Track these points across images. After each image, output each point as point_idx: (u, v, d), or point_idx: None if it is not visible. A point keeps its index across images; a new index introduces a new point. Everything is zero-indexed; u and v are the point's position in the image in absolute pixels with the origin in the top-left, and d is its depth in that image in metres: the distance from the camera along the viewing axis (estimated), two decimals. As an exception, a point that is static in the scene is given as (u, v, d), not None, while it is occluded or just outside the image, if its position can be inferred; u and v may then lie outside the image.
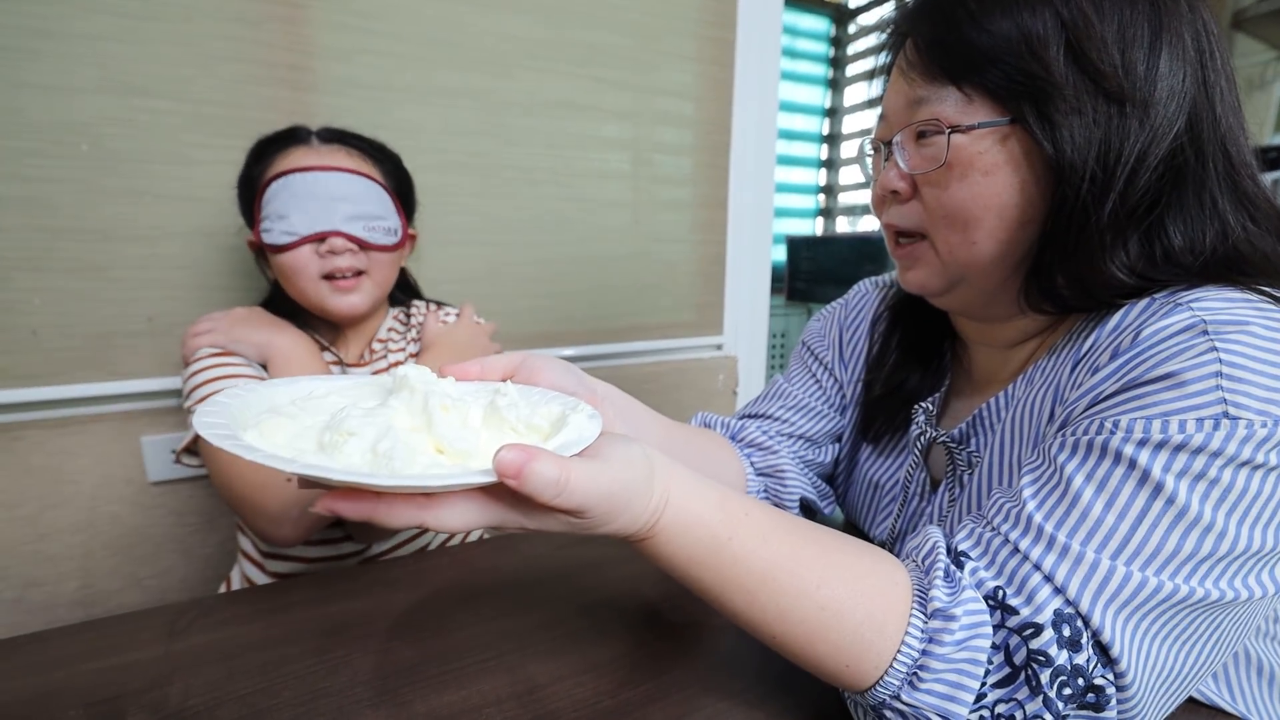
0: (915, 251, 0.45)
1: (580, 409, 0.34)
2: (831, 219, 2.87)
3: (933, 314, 0.53)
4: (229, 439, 0.26)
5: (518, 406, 0.33)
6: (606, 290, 1.22)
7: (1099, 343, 0.37)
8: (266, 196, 0.68)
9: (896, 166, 0.43)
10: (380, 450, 0.27)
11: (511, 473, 0.26)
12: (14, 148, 0.78)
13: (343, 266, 0.69)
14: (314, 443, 0.29)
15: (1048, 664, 0.30)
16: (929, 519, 0.50)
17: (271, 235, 0.68)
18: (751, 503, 0.36)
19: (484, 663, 0.42)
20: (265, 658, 0.43)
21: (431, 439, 0.30)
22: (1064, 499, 0.33)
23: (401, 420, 0.30)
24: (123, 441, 0.88)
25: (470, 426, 0.31)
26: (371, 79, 0.96)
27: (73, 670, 0.42)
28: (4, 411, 0.83)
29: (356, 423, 0.29)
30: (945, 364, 0.54)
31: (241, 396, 0.32)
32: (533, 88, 1.08)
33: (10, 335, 0.81)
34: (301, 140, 0.71)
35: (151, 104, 0.84)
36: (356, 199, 0.69)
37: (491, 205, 1.08)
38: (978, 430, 0.47)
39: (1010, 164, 0.39)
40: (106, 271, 0.85)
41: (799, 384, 0.63)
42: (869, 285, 0.64)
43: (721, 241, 1.33)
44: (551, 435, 0.32)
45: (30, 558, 0.86)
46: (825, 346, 0.63)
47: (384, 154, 0.76)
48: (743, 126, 1.29)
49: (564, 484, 0.28)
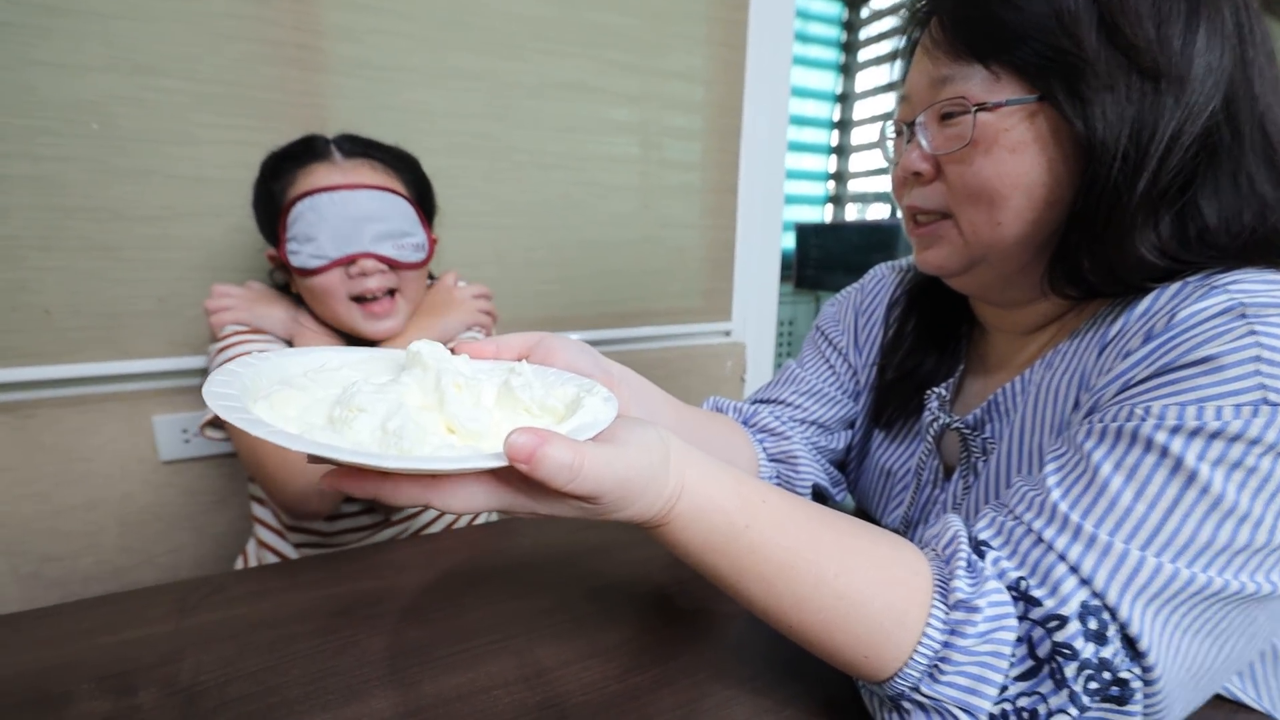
0: (936, 230, 0.44)
1: (596, 391, 0.33)
2: (841, 206, 2.84)
3: (949, 298, 0.52)
4: (237, 411, 0.26)
5: (532, 387, 0.32)
6: (615, 275, 1.21)
7: (1128, 327, 0.36)
8: (291, 217, 0.67)
9: (919, 148, 0.42)
10: (390, 428, 0.27)
11: (523, 456, 0.26)
12: (25, 126, 0.78)
13: (373, 288, 0.69)
14: (324, 417, 0.29)
15: (1073, 657, 0.30)
16: (942, 506, 0.50)
17: (299, 258, 0.67)
18: (769, 489, 0.35)
19: (492, 645, 0.43)
20: (275, 635, 0.43)
21: (443, 418, 0.29)
22: (1091, 487, 0.32)
23: (413, 398, 0.30)
24: (134, 420, 0.89)
25: (483, 406, 0.31)
26: (380, 59, 0.95)
27: (85, 645, 0.42)
28: (17, 390, 0.84)
29: (367, 398, 0.28)
30: (960, 349, 0.53)
31: (255, 366, 0.32)
32: (542, 69, 1.06)
33: (23, 314, 0.82)
34: (322, 155, 0.69)
35: (160, 83, 0.83)
36: (384, 217, 0.68)
37: (499, 189, 1.07)
38: (993, 416, 0.46)
39: (1038, 142, 0.38)
40: (117, 251, 0.85)
41: (812, 369, 0.62)
42: (886, 269, 0.63)
43: (731, 227, 1.32)
44: (566, 417, 0.31)
45: (45, 534, 0.87)
46: (840, 331, 0.62)
47: (405, 162, 0.75)
48: (754, 110, 1.27)
49: (577, 469, 0.27)
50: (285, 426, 0.27)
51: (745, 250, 1.34)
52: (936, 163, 0.42)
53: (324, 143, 0.70)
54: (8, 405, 0.83)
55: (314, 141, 0.70)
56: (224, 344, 0.70)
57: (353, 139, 0.72)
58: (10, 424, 0.83)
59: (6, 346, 0.82)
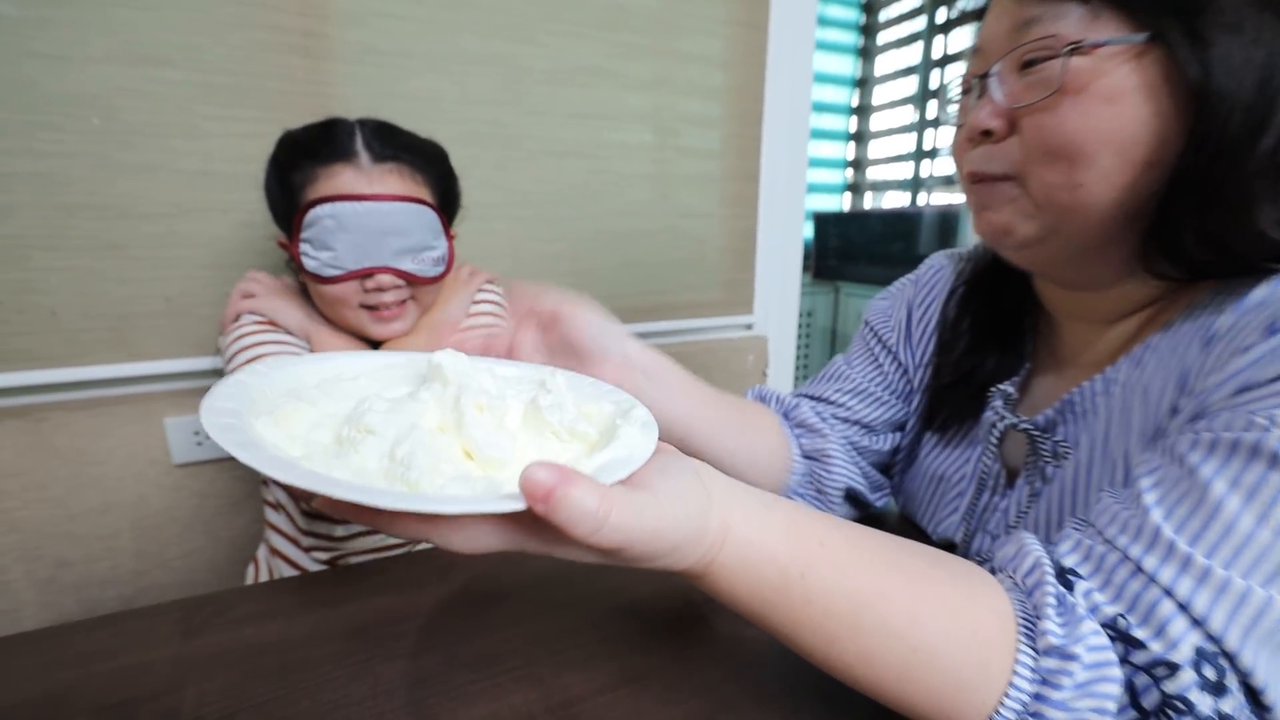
0: (1003, 189, 0.38)
1: (633, 415, 0.29)
2: (860, 195, 2.76)
3: (1013, 287, 0.47)
4: (229, 431, 0.23)
5: (562, 408, 0.29)
6: (633, 267, 1.17)
7: (1243, 318, 0.31)
8: (309, 219, 0.63)
9: (991, 103, 0.37)
10: (398, 455, 0.24)
11: (540, 496, 0.22)
12: (26, 121, 0.76)
13: (388, 301, 0.66)
14: (332, 435, 0.26)
15: (1188, 711, 0.26)
16: (1003, 515, 0.45)
17: (314, 265, 0.64)
18: (825, 526, 0.31)
19: (515, 671, 0.39)
20: (283, 661, 0.40)
21: (461, 441, 0.26)
22: (1200, 509, 0.28)
23: (429, 417, 0.27)
24: (146, 423, 0.87)
25: (506, 429, 0.27)
26: (388, 45, 0.91)
27: (84, 671, 0.40)
28: (28, 393, 0.82)
29: (378, 418, 0.25)
30: (1026, 344, 0.48)
31: (266, 375, 0.29)
32: (556, 53, 1.02)
33: (30, 316, 0.80)
34: (348, 156, 0.64)
35: (163, 74, 0.80)
36: (407, 230, 0.65)
37: (513, 179, 1.04)
38: (1067, 417, 0.41)
39: (1141, 90, 0.32)
40: (124, 250, 0.83)
41: (859, 367, 0.58)
42: (943, 259, 0.58)
43: (752, 216, 1.27)
44: (599, 446, 0.28)
45: (61, 538, 0.86)
46: (890, 328, 0.57)
47: (433, 159, 0.70)
48: (776, 94, 1.22)
49: (602, 518, 0.23)
50: (288, 446, 0.24)
51: (767, 240, 1.29)
52: (1011, 118, 0.37)
53: (349, 138, 0.65)
54: (19, 409, 0.81)
55: (339, 135, 0.65)
56: (236, 334, 0.68)
57: (382, 137, 0.66)
58: (22, 428, 0.82)
59: (15, 350, 0.80)
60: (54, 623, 0.86)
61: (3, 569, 0.84)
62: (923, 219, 1.99)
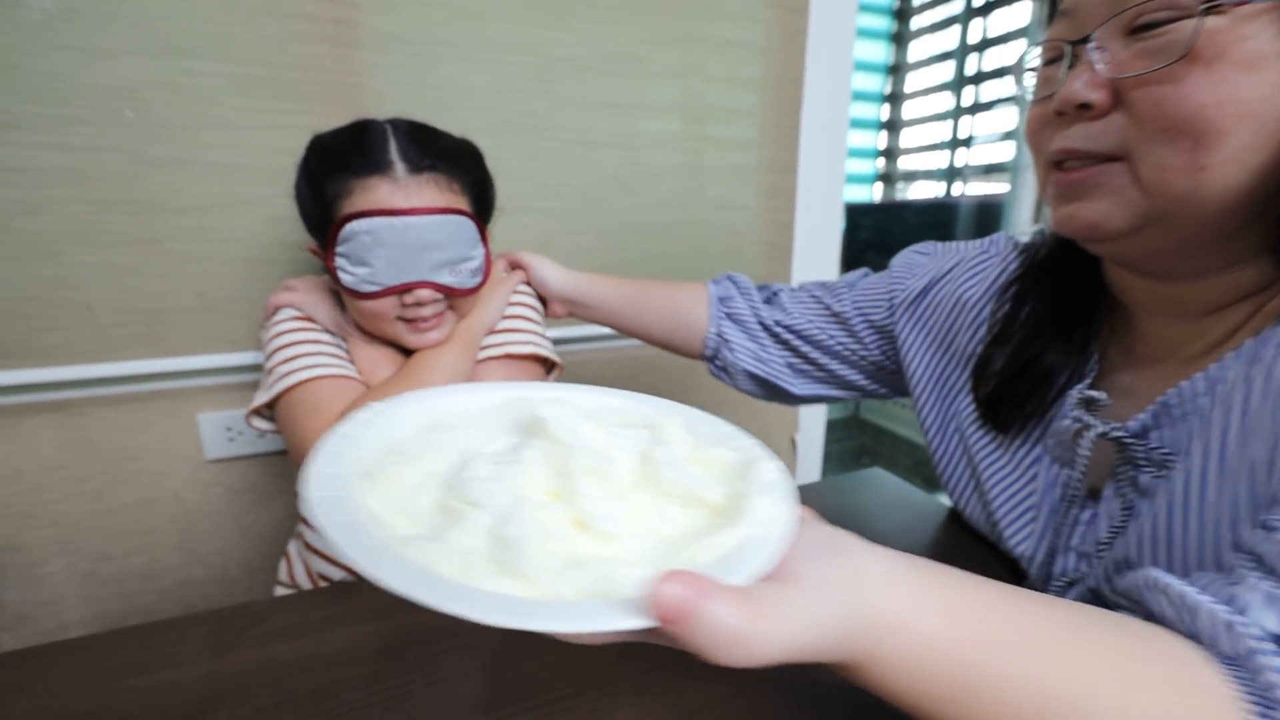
0: (1098, 176, 0.34)
1: (760, 470, 0.26)
2: (891, 185, 2.68)
3: (1082, 274, 0.43)
4: (333, 506, 0.21)
5: (680, 466, 0.26)
6: (666, 261, 1.13)
7: None
8: (345, 234, 0.60)
9: (1089, 72, 0.33)
10: (505, 537, 0.22)
11: (672, 617, 0.19)
12: (57, 115, 0.75)
13: (426, 315, 0.65)
14: (434, 502, 0.25)
15: None
16: (1090, 531, 0.41)
17: (351, 280, 0.62)
18: (995, 593, 0.26)
19: (563, 702, 0.37)
20: (316, 683, 0.38)
21: (571, 510, 0.24)
22: None
23: (536, 480, 0.25)
24: (180, 419, 0.87)
25: (622, 496, 0.25)
26: (418, 33, 0.89)
27: (117, 686, 0.38)
28: (66, 388, 0.82)
29: (482, 489, 0.24)
30: (1093, 337, 0.44)
31: (370, 424, 0.28)
32: (588, 40, 0.99)
33: (66, 312, 0.80)
34: (383, 168, 0.61)
35: (192, 65, 0.79)
36: (445, 244, 0.63)
37: (543, 170, 1.01)
38: (1163, 421, 0.37)
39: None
40: (156, 245, 0.82)
41: (862, 293, 0.63)
42: (1006, 242, 0.54)
43: (790, 209, 1.22)
44: (727, 515, 0.24)
45: (100, 533, 0.87)
46: (903, 286, 0.59)
47: (469, 162, 0.68)
48: (816, 81, 1.17)
49: (747, 638, 0.20)
50: (390, 515, 0.23)
51: (804, 234, 1.24)
52: (1116, 90, 0.33)
53: (383, 146, 0.62)
54: (56, 404, 0.81)
55: (373, 144, 0.62)
56: (274, 330, 0.68)
57: (418, 144, 0.63)
58: (60, 423, 0.82)
59: (52, 345, 0.80)
60: (93, 616, 0.88)
61: (44, 561, 0.84)
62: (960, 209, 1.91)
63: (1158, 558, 0.36)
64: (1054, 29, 0.37)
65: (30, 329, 0.79)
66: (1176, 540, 0.35)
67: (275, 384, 0.64)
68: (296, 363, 0.64)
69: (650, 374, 1.14)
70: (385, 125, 0.64)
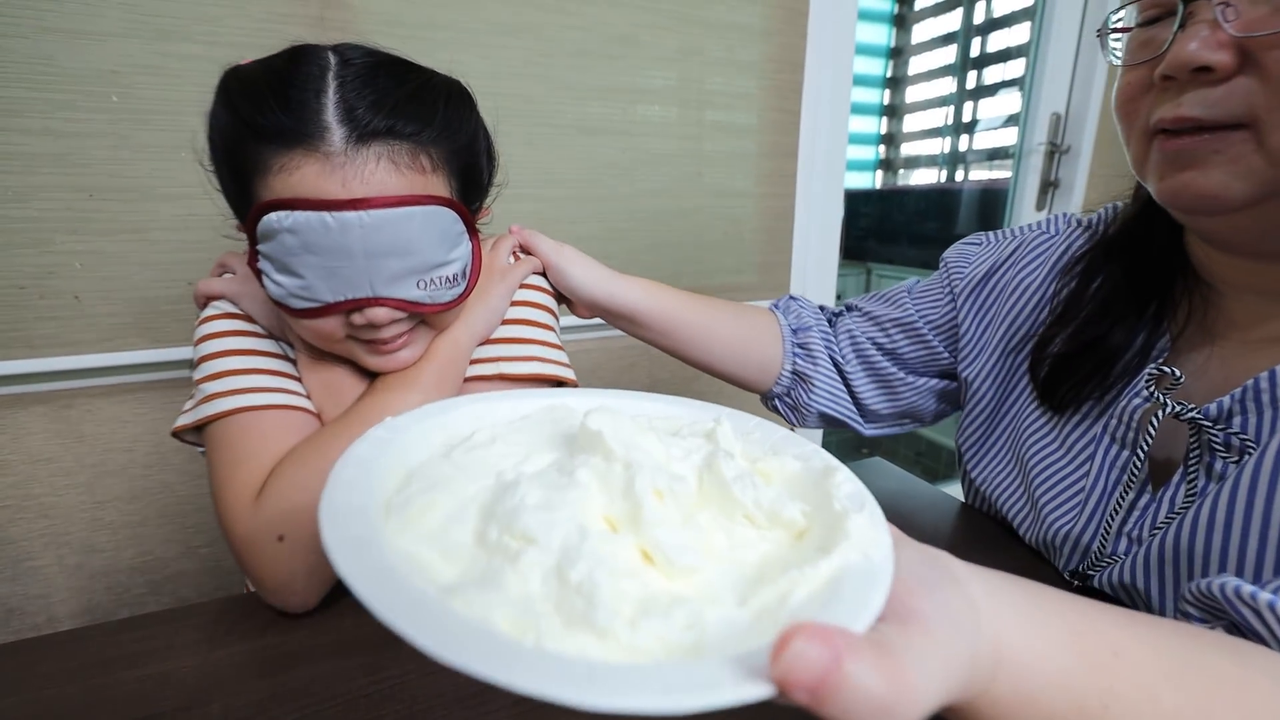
0: (1216, 143, 0.32)
1: (837, 480, 0.23)
2: (892, 171, 2.66)
3: (1160, 247, 0.41)
4: (358, 549, 0.18)
5: (754, 482, 0.22)
6: (666, 249, 1.12)
7: None
8: (263, 228, 0.42)
9: (1211, 30, 0.30)
10: (573, 581, 0.18)
11: (807, 685, 0.15)
12: (45, 99, 0.73)
13: (386, 337, 0.48)
14: (473, 532, 0.20)
15: None
16: (1149, 517, 0.39)
17: (278, 292, 0.44)
18: (1108, 619, 0.24)
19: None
20: (312, 674, 0.37)
21: (638, 540, 0.20)
22: None
23: (594, 506, 0.21)
24: (170, 410, 0.86)
25: (694, 522, 0.21)
26: (413, 16, 0.87)
27: (111, 678, 0.38)
28: (54, 379, 0.81)
29: (535, 519, 0.20)
30: (1166, 315, 0.42)
31: (388, 444, 0.23)
32: (587, 23, 0.97)
33: (54, 301, 0.78)
34: (310, 136, 0.40)
35: (180, 49, 0.77)
36: (407, 248, 0.43)
37: (542, 156, 0.99)
38: (1248, 407, 0.35)
39: None
40: (145, 233, 0.80)
41: (919, 300, 0.59)
42: (1065, 221, 0.53)
43: (789, 195, 1.21)
44: (809, 536, 0.21)
45: (90, 524, 0.86)
46: (964, 277, 0.56)
47: (451, 116, 0.47)
48: (817, 66, 1.15)
49: (893, 707, 0.16)
50: (426, 554, 0.19)
51: (804, 220, 1.23)
52: (1242, 51, 0.30)
53: (316, 99, 0.41)
54: (45, 395, 0.80)
55: (301, 95, 0.41)
56: (203, 330, 0.52)
57: (373, 93, 0.42)
58: (49, 414, 0.81)
59: (40, 335, 0.79)
60: (84, 609, 0.87)
61: (34, 555, 0.83)
62: (962, 196, 1.90)
63: (1212, 546, 0.34)
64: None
65: (18, 319, 0.77)
66: (1235, 532, 0.33)
67: (199, 406, 0.49)
68: (224, 382, 0.48)
69: (650, 364, 1.13)
70: (327, 60, 0.43)
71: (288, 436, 0.47)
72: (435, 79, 0.48)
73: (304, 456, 0.46)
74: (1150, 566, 0.38)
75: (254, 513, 0.44)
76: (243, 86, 0.43)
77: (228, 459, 0.47)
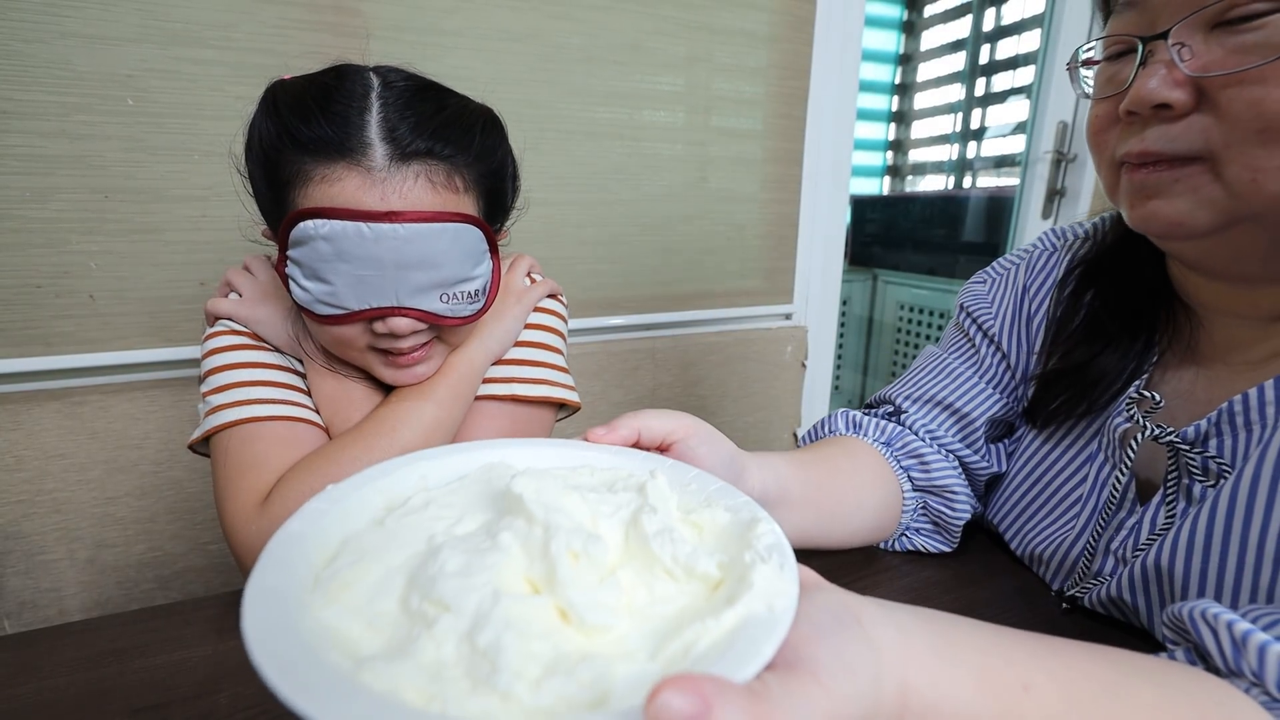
0: (1180, 174, 0.33)
1: (759, 532, 0.23)
2: (900, 178, 2.67)
3: (1145, 268, 0.41)
4: (272, 629, 0.18)
5: (673, 536, 0.23)
6: (670, 254, 1.13)
7: None
8: (297, 234, 0.44)
9: (1168, 70, 0.31)
10: (480, 645, 0.18)
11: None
12: (62, 103, 0.75)
13: (405, 348, 0.49)
14: (397, 600, 0.21)
15: None
16: (1133, 536, 0.40)
17: (304, 298, 0.46)
18: (1028, 652, 0.24)
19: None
20: (319, 667, 0.38)
21: (554, 600, 0.21)
22: None
23: (513, 568, 0.22)
24: (181, 408, 0.87)
25: (609, 579, 0.22)
26: (420, 21, 0.88)
27: (121, 668, 0.39)
28: (68, 376, 0.82)
29: (452, 586, 0.20)
30: (1154, 337, 0.43)
31: (324, 515, 0.24)
32: (592, 29, 0.98)
33: (70, 300, 0.80)
34: (355, 151, 0.43)
35: (194, 53, 0.79)
36: (435, 262, 0.46)
37: (547, 161, 1.00)
38: (1223, 430, 0.36)
39: None
40: (159, 234, 0.82)
41: (955, 357, 0.53)
42: (1052, 239, 0.52)
43: (794, 201, 1.22)
44: (722, 588, 0.22)
45: (100, 520, 0.87)
46: (992, 314, 0.52)
47: (485, 142, 0.50)
48: (823, 71, 1.16)
49: None
50: (350, 629, 0.19)
51: (809, 226, 1.23)
52: (1199, 89, 0.31)
53: (360, 117, 0.44)
54: (58, 392, 0.82)
55: (346, 111, 0.44)
56: (209, 346, 0.53)
57: (415, 116, 0.45)
58: (62, 411, 0.82)
59: (55, 333, 0.80)
60: (94, 603, 0.88)
61: (46, 549, 0.85)
62: (969, 203, 1.90)
63: (1190, 568, 0.35)
64: (1119, 22, 0.35)
65: (34, 317, 0.79)
66: (1214, 556, 0.34)
67: (205, 419, 0.50)
68: (230, 394, 0.50)
69: (652, 367, 1.14)
70: (370, 80, 0.47)
71: (291, 448, 0.49)
72: (471, 106, 0.51)
73: (315, 465, 0.47)
74: (1135, 586, 0.39)
75: (258, 519, 0.46)
76: (289, 98, 0.46)
77: (232, 468, 0.48)
